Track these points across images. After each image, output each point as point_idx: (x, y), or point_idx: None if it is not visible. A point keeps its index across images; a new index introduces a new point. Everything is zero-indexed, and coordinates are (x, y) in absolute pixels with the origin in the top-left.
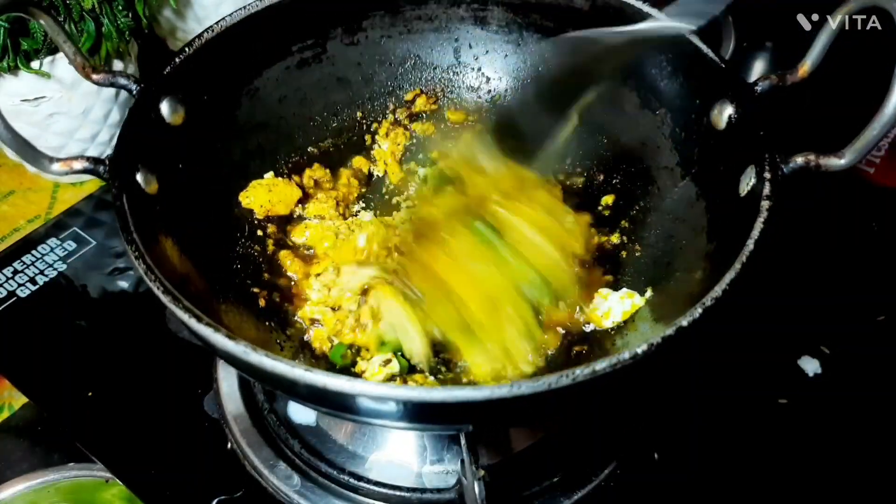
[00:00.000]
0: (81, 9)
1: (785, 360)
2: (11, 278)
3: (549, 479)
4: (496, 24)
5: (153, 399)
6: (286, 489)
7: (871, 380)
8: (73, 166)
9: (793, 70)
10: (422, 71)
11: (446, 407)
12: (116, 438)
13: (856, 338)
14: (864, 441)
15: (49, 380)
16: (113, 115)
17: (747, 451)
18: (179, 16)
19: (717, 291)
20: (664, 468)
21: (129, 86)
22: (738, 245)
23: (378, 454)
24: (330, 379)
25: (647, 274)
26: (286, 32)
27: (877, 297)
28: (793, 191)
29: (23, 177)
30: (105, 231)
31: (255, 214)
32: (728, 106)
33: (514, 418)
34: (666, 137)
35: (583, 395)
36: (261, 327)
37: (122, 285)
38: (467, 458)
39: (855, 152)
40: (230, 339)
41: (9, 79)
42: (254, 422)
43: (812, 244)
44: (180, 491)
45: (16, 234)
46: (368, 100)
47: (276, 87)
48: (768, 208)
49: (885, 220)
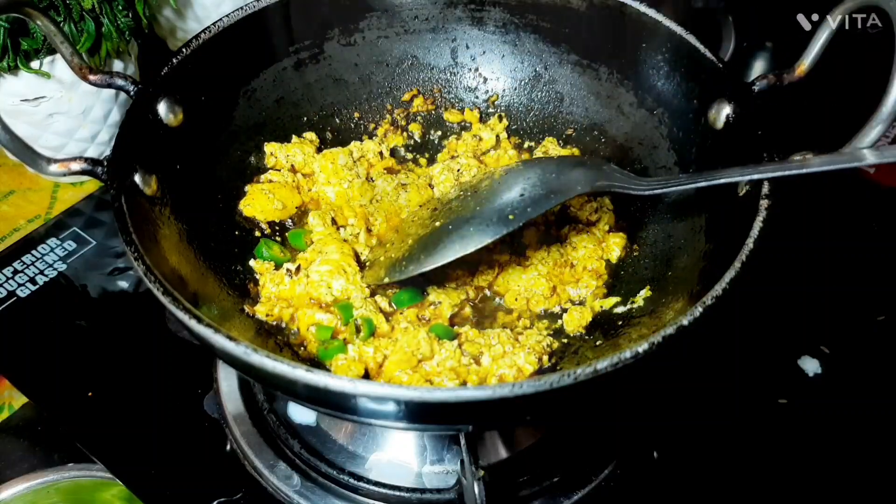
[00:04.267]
0: (81, 8)
1: (785, 360)
2: (11, 278)
3: (548, 479)
4: (493, 24)
5: (153, 399)
6: (286, 489)
7: (872, 380)
8: (72, 167)
9: (790, 69)
10: (419, 71)
11: (448, 407)
12: (116, 439)
13: (856, 338)
14: (864, 441)
15: (49, 380)
16: (113, 115)
17: (748, 451)
18: (179, 15)
19: (718, 290)
20: (664, 468)
21: (127, 87)
22: (737, 244)
23: (378, 454)
24: (331, 379)
25: (645, 273)
26: (283, 33)
27: (877, 297)
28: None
29: (23, 177)
30: (105, 231)
31: (255, 218)
32: (726, 105)
33: (516, 418)
34: (664, 137)
35: (585, 395)
36: (260, 328)
37: (122, 285)
38: (467, 458)
39: (853, 151)
40: (231, 340)
41: (9, 79)
42: (254, 422)
43: (813, 244)
44: (180, 491)
45: (16, 234)
46: (366, 100)
47: (273, 88)
48: (767, 207)
49: (885, 220)
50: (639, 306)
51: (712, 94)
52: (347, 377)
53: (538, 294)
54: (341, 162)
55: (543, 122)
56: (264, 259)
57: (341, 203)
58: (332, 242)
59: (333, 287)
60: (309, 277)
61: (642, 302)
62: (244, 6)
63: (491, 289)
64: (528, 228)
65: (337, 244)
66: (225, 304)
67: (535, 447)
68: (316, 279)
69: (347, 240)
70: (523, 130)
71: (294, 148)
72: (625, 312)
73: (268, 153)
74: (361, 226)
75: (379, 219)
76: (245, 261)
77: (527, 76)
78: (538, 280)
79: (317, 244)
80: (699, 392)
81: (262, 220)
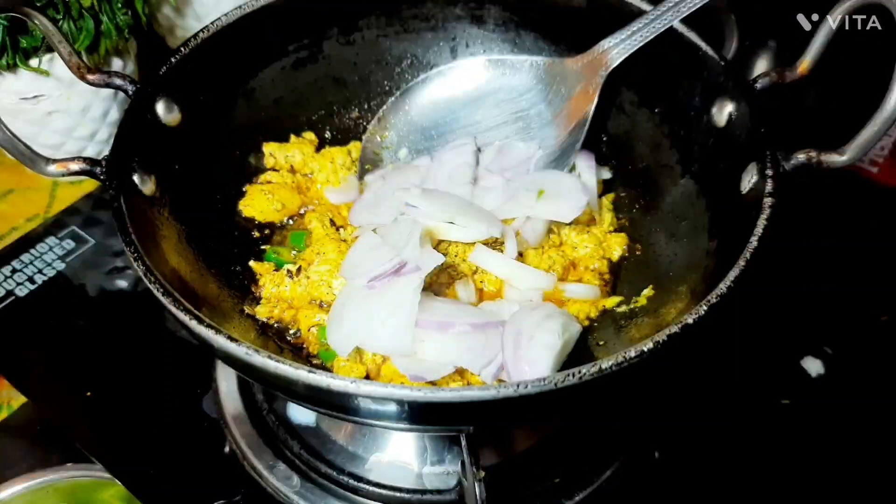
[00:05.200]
0: (80, 6)
1: (788, 361)
2: (10, 277)
3: (549, 480)
4: (493, 22)
5: (152, 399)
6: (286, 490)
7: (875, 380)
8: (70, 167)
9: (792, 67)
10: (418, 70)
11: (451, 407)
12: (115, 439)
13: (859, 338)
14: (867, 441)
15: (48, 380)
16: (112, 114)
17: (750, 452)
18: (179, 13)
19: (722, 288)
20: (664, 468)
21: (125, 86)
22: (740, 242)
23: (378, 455)
24: (333, 380)
25: (648, 272)
26: (282, 32)
27: (880, 297)
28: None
29: (22, 175)
30: (104, 230)
31: (254, 218)
32: (728, 103)
33: (519, 418)
34: (665, 135)
35: (589, 394)
36: (261, 329)
37: (120, 284)
38: (468, 459)
39: (856, 149)
40: (232, 341)
41: (8, 77)
42: (253, 422)
43: (814, 244)
44: (179, 491)
45: (14, 233)
46: (365, 100)
47: (272, 88)
48: (771, 205)
49: (888, 219)
50: (641, 306)
51: (714, 91)
52: (349, 377)
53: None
54: (340, 162)
55: None
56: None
57: (340, 203)
58: (330, 243)
59: (333, 287)
60: (309, 278)
61: (645, 301)
62: (243, 5)
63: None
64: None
65: (336, 245)
66: (225, 305)
67: (537, 448)
68: (316, 279)
69: (346, 240)
70: None
71: (293, 148)
72: (627, 311)
73: (267, 153)
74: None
75: None
76: (245, 261)
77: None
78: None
79: (315, 245)
80: (702, 392)
81: (259, 219)
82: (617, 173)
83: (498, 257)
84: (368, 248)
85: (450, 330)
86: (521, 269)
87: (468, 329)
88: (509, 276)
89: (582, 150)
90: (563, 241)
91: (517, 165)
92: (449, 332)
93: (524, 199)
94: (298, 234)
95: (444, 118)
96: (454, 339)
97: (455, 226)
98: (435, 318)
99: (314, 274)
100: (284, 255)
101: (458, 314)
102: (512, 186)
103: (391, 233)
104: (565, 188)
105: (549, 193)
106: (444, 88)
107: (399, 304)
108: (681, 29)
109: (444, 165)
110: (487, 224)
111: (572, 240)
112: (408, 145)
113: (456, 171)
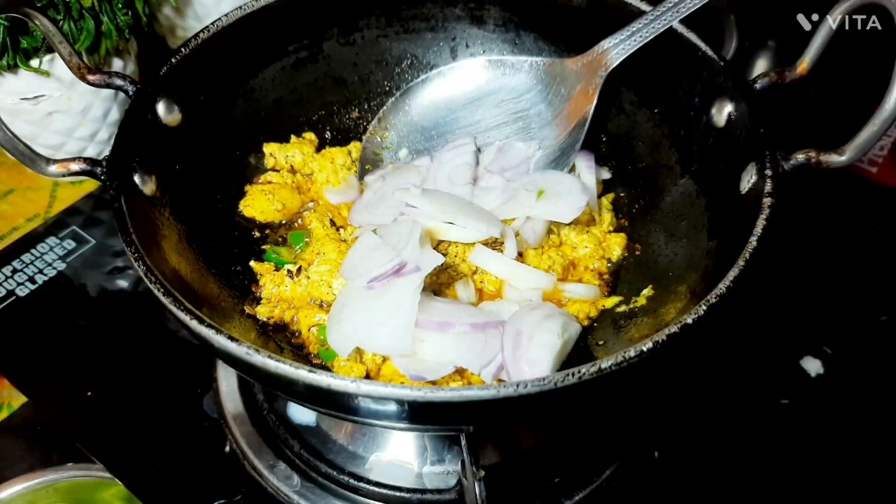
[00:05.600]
0: (81, 7)
1: (787, 361)
2: (10, 277)
3: (549, 479)
4: (493, 22)
5: (152, 399)
6: (286, 489)
7: (874, 380)
8: (71, 168)
9: (792, 67)
10: (418, 70)
11: (451, 407)
12: (116, 438)
13: (858, 338)
14: (866, 441)
15: (48, 379)
16: (112, 114)
17: (750, 452)
18: (179, 14)
19: (721, 288)
20: (664, 468)
21: (126, 87)
22: (740, 242)
23: (378, 455)
24: (333, 380)
25: (647, 272)
26: (282, 32)
27: (879, 297)
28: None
29: (22, 175)
30: (104, 230)
31: (255, 219)
32: (728, 103)
33: (519, 418)
34: (665, 135)
35: (589, 394)
36: (261, 329)
37: (121, 284)
38: (468, 458)
39: (855, 149)
40: (233, 340)
41: (8, 77)
42: (253, 422)
43: (813, 244)
44: (179, 491)
45: (15, 233)
46: (365, 100)
47: (272, 88)
48: (770, 205)
49: (887, 220)
50: (641, 305)
51: (714, 92)
52: (350, 377)
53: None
54: (340, 162)
55: None
56: (275, 262)
57: (340, 203)
58: (330, 243)
59: (333, 287)
60: (309, 278)
61: (644, 301)
62: (243, 5)
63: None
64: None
65: (336, 245)
66: (225, 305)
67: (536, 448)
68: (316, 279)
69: (346, 240)
70: None
71: (293, 148)
72: (626, 311)
73: (267, 153)
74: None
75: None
76: (245, 261)
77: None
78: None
79: (315, 245)
80: (701, 392)
81: (261, 221)
82: (616, 173)
83: (498, 257)
84: (368, 248)
85: (450, 330)
86: (521, 270)
87: (468, 329)
88: (509, 277)
89: (582, 151)
90: (562, 242)
91: (517, 165)
92: (449, 332)
93: (524, 199)
94: (298, 234)
95: (444, 118)
96: (454, 339)
97: (455, 226)
98: (435, 318)
99: (314, 274)
100: (284, 255)
101: (458, 314)
102: (512, 187)
103: (391, 233)
104: (565, 188)
105: (549, 194)
106: (444, 89)
107: (399, 304)
108: (680, 29)
109: (444, 165)
110: (487, 224)
111: (572, 240)
112: (408, 145)
113: (456, 172)
